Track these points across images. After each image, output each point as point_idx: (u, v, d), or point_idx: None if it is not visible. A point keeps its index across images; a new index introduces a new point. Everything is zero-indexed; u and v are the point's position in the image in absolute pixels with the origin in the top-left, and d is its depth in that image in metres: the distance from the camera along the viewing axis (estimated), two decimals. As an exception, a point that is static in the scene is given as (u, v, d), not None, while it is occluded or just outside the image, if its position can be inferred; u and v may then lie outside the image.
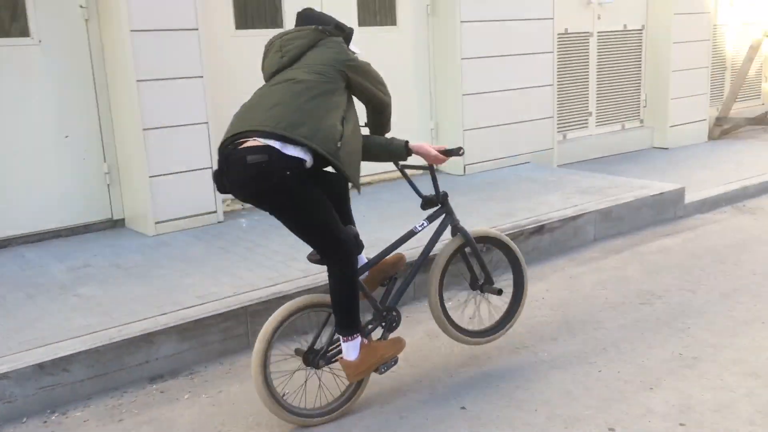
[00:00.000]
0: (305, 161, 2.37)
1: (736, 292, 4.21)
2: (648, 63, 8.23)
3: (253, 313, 3.51)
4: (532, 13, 6.75)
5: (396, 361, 2.80)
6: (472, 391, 3.06)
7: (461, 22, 6.33)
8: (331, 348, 2.71)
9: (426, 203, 2.86)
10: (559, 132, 7.60)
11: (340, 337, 2.61)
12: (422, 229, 2.88)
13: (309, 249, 4.04)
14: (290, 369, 3.06)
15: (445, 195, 2.92)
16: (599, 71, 7.86)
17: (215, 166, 3.29)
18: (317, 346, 2.73)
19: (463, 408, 2.92)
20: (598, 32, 7.76)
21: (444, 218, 2.96)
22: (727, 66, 9.21)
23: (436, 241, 2.97)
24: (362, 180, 6.21)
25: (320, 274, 3.85)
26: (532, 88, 6.94)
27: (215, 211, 5.00)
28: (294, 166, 2.34)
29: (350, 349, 2.61)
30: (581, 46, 7.66)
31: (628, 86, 8.19)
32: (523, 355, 3.45)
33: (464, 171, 6.62)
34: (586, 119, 7.88)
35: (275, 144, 2.32)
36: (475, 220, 5.01)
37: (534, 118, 7.01)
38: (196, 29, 4.74)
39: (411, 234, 2.86)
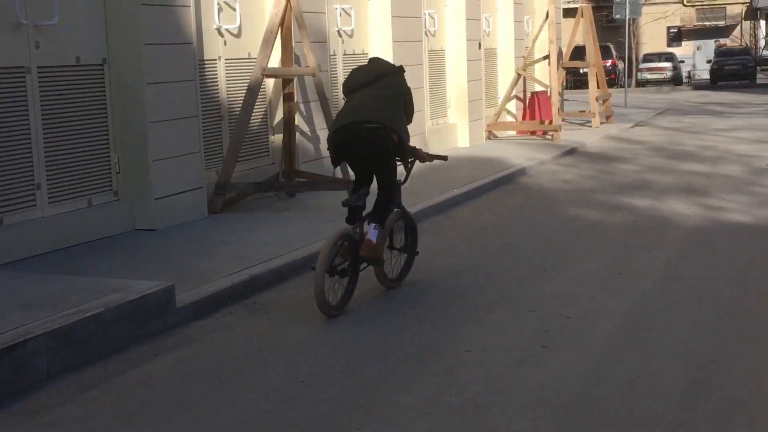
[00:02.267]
0: None
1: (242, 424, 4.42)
2: (116, 111, 8.46)
3: None
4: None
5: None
6: None
7: None
8: (343, 265, 6.28)
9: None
10: (-9, 216, 7.27)
11: (374, 224, 6.42)
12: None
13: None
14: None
15: (405, 180, 6.86)
16: (47, 124, 7.79)
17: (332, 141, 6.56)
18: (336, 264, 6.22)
19: None
20: (39, 67, 7.71)
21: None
22: (223, 114, 10.02)
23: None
24: None
25: None
26: (-62, 150, 6.49)
27: None
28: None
29: (375, 234, 6.37)
30: (15, 86, 7.51)
31: (91, 145, 8.29)
32: None
33: None
34: (33, 194, 7.71)
35: (393, 130, 6.41)
36: None
37: (-54, 196, 6.55)
38: None
39: None
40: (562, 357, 5.36)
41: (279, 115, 10.69)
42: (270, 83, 10.68)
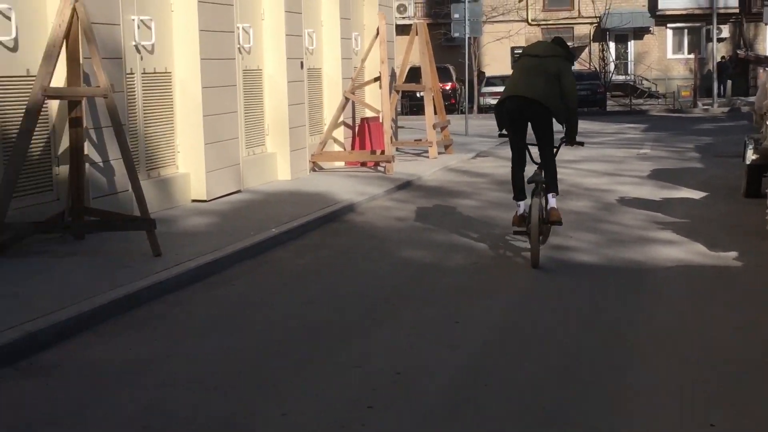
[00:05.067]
0: None
1: None
2: None
3: None
4: None
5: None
6: None
7: None
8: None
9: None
10: None
11: (552, 194, 9.86)
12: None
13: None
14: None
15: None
16: None
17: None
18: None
19: None
20: None
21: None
22: (-3, 142, 9.70)
23: None
24: None
25: None
26: None
27: None
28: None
29: (555, 202, 9.91)
30: None
31: None
32: None
33: None
34: None
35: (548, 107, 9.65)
36: None
37: None
38: None
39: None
40: (391, 418, 5.40)
41: (65, 143, 10.41)
42: (53, 105, 10.40)
